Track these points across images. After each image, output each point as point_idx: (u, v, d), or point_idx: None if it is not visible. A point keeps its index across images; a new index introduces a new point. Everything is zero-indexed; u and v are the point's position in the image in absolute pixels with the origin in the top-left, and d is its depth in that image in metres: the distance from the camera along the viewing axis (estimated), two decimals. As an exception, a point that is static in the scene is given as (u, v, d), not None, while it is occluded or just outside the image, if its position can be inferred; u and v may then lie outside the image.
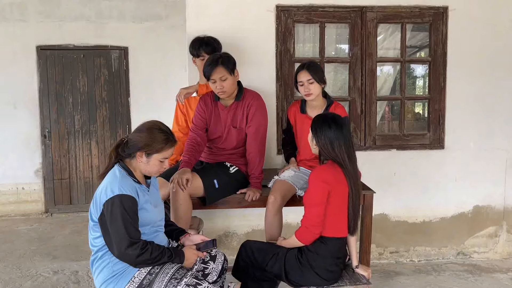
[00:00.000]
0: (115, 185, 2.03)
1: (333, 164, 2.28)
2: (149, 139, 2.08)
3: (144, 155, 2.10)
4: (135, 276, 2.06)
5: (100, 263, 2.10)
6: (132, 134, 2.14)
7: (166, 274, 2.06)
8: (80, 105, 5.55)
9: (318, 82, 2.79)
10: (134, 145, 2.10)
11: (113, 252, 2.04)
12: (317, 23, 3.61)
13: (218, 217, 3.62)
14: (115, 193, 2.01)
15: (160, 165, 2.15)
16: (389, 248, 3.85)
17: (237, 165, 2.90)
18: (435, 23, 3.69)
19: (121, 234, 1.99)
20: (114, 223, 2.00)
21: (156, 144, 2.09)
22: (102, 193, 2.05)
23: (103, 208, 2.02)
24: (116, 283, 2.07)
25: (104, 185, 2.07)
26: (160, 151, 2.10)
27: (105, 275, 2.09)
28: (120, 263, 2.07)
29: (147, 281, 2.05)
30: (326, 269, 2.29)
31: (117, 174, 2.09)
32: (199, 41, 3.11)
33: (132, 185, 2.08)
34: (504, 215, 3.90)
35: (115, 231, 2.00)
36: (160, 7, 5.52)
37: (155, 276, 2.06)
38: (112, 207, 2.00)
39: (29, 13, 5.36)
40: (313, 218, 2.24)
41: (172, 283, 2.03)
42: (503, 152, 3.84)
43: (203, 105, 2.89)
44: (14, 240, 4.51)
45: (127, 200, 2.02)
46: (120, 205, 1.99)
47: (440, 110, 3.75)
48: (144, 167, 2.14)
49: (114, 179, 2.06)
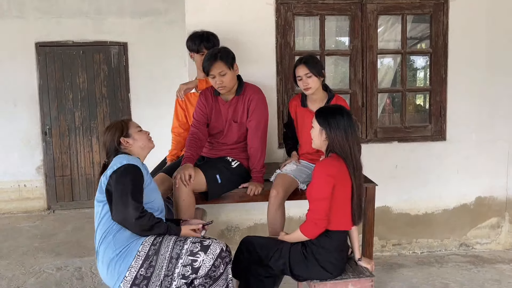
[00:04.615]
0: (122, 159, 2.21)
1: (337, 157, 2.27)
2: (112, 129, 2.31)
3: (125, 139, 2.29)
4: (140, 250, 2.13)
5: (104, 244, 2.16)
6: (103, 140, 2.36)
7: (170, 240, 2.18)
8: (80, 101, 5.54)
9: (316, 76, 2.78)
10: (111, 142, 2.29)
11: (116, 215, 2.12)
12: (317, 16, 3.59)
13: (220, 212, 3.62)
14: (123, 163, 2.18)
15: (143, 134, 2.35)
16: (392, 241, 3.85)
17: (239, 160, 2.89)
18: (435, 14, 3.66)
19: (126, 195, 2.11)
20: (120, 186, 2.12)
21: (118, 125, 2.31)
22: (109, 170, 2.20)
23: (110, 178, 2.16)
24: (122, 261, 2.12)
25: (112, 164, 2.22)
26: (126, 126, 2.32)
27: (109, 256, 2.14)
28: (122, 241, 2.14)
29: (153, 251, 2.13)
30: (331, 262, 2.29)
31: (122, 156, 2.25)
32: (199, 36, 3.08)
33: (138, 161, 2.27)
34: (507, 206, 3.90)
35: (120, 194, 2.11)
36: (159, 2, 5.49)
37: (159, 245, 2.15)
38: (120, 173, 2.15)
39: (27, 10, 5.33)
40: (319, 211, 2.23)
41: (178, 244, 2.17)
42: (505, 143, 3.84)
43: (204, 100, 2.88)
44: (17, 237, 4.52)
45: (135, 169, 2.18)
46: (127, 172, 2.15)
47: (442, 101, 3.74)
48: (136, 144, 2.31)
49: (120, 158, 2.23)
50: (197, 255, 2.15)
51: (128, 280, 2.11)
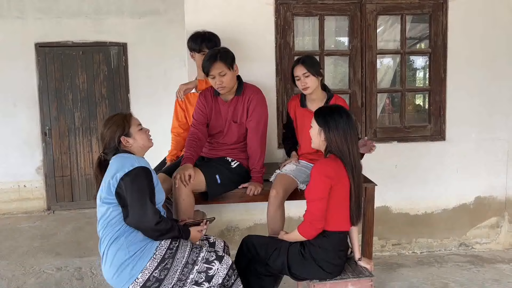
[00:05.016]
0: (130, 161, 2.15)
1: (335, 158, 2.27)
2: (113, 126, 2.23)
3: (126, 138, 2.23)
4: (155, 252, 2.12)
5: (115, 247, 2.11)
6: (101, 137, 2.28)
7: (186, 246, 2.20)
8: (80, 102, 5.54)
9: (314, 75, 2.78)
10: (111, 140, 2.23)
11: (132, 220, 2.09)
12: (316, 16, 3.60)
13: (220, 212, 3.62)
14: (135, 165, 2.12)
15: (143, 132, 2.30)
16: (391, 240, 3.86)
17: (238, 160, 2.89)
18: (435, 14, 3.67)
19: (144, 200, 2.08)
20: (136, 191, 2.08)
21: (120, 122, 2.24)
22: (119, 171, 2.11)
23: (122, 181, 2.09)
24: (136, 263, 2.10)
25: (119, 164, 2.14)
26: (128, 124, 2.25)
27: (122, 258, 2.10)
28: (136, 244, 2.11)
29: (169, 255, 2.13)
30: (329, 262, 2.29)
31: (125, 155, 2.20)
32: (201, 36, 3.09)
33: (145, 161, 2.22)
34: (506, 206, 3.90)
35: (138, 199, 2.08)
36: (158, 2, 5.49)
37: (175, 249, 2.16)
38: (135, 177, 2.10)
39: (26, 10, 5.34)
40: (315, 212, 2.23)
41: (195, 251, 2.19)
42: (504, 142, 3.84)
43: (204, 100, 2.89)
44: (17, 238, 4.52)
45: (148, 172, 2.15)
46: (142, 176, 2.11)
47: (441, 101, 3.74)
48: (137, 144, 2.27)
49: (126, 158, 2.17)
50: (213, 263, 2.19)
51: (139, 282, 2.08)
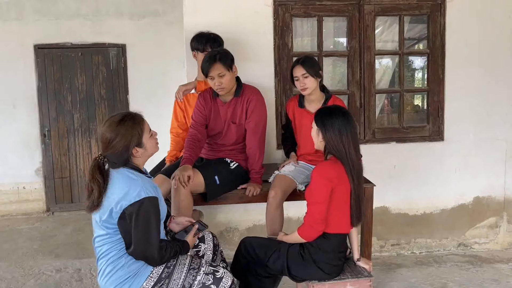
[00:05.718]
0: (137, 188, 1.99)
1: (336, 160, 2.26)
2: (127, 136, 2.02)
3: (138, 148, 2.06)
4: (153, 271, 2.08)
5: (115, 265, 2.06)
6: (108, 145, 2.03)
7: (184, 266, 2.14)
8: (79, 103, 5.54)
9: (313, 76, 2.79)
10: (124, 152, 2.03)
11: (134, 253, 2.02)
12: (314, 17, 3.60)
13: (219, 213, 3.63)
14: (141, 196, 1.97)
15: (153, 140, 2.14)
16: (390, 241, 3.86)
17: (237, 161, 2.90)
18: (433, 15, 3.67)
19: (149, 234, 2.00)
20: (141, 226, 1.98)
21: (134, 132, 2.04)
22: (124, 200, 1.98)
23: (126, 211, 1.98)
24: (133, 282, 2.05)
25: (124, 191, 1.99)
26: (141, 133, 2.06)
27: (120, 276, 2.05)
28: (137, 263, 2.06)
29: (166, 274, 2.09)
30: (329, 264, 2.29)
31: (132, 176, 2.03)
32: (205, 36, 3.11)
33: (151, 183, 2.07)
34: (505, 206, 3.91)
35: (142, 233, 1.99)
36: (157, 3, 5.49)
37: (172, 268, 2.11)
38: (141, 210, 1.97)
39: (25, 12, 5.33)
40: (316, 215, 2.23)
41: (192, 273, 2.12)
42: (503, 142, 3.84)
43: (203, 101, 2.89)
44: (16, 239, 4.51)
45: (154, 202, 2.02)
46: (148, 208, 1.99)
47: (439, 102, 3.75)
48: (146, 154, 2.11)
49: (133, 182, 2.01)
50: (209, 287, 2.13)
51: None
